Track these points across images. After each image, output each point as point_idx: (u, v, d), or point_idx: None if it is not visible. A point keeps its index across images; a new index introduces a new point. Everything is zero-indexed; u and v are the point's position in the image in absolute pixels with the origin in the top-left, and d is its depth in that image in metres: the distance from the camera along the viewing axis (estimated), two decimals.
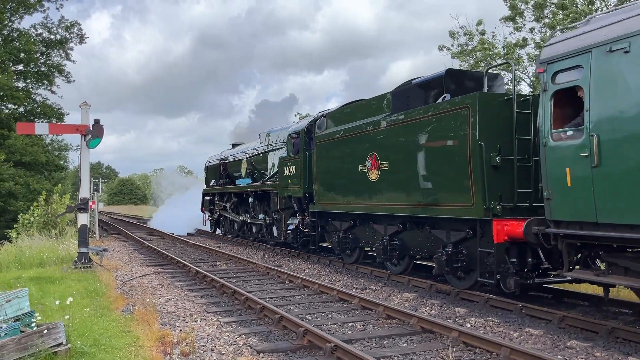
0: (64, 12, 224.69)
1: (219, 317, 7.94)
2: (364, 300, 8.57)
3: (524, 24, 22.37)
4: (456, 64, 23.48)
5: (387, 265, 11.15)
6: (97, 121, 12.86)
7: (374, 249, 11.65)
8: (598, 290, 8.18)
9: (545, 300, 8.63)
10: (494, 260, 8.04)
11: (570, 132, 6.52)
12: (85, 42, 34.07)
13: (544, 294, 9.06)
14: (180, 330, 7.03)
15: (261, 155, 18.59)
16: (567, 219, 6.61)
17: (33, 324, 5.78)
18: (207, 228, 25.54)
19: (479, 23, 23.67)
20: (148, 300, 8.62)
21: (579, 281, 7.74)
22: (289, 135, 15.32)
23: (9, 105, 31.40)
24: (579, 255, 7.01)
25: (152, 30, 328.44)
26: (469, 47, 23.81)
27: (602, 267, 6.72)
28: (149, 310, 7.64)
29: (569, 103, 6.64)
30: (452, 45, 24.25)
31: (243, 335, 6.88)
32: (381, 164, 10.52)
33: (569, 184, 6.45)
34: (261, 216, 18.03)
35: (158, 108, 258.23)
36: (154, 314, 7.66)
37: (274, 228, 16.94)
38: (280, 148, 16.68)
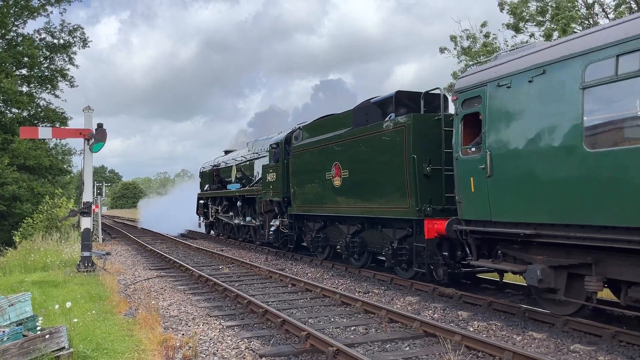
0: (73, 18, 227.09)
1: (222, 321, 8.03)
2: (366, 304, 8.59)
3: (526, 28, 21.69)
4: (461, 65, 23.88)
5: (350, 260, 12.76)
6: (100, 125, 12.91)
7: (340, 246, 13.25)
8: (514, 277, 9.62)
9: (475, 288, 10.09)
10: (426, 253, 9.65)
11: (473, 149, 8.13)
12: (89, 46, 33.95)
13: (467, 281, 10.67)
14: (183, 334, 7.08)
15: (248, 162, 20.28)
16: (473, 218, 8.21)
17: (36, 328, 5.75)
18: (201, 229, 27.07)
19: (484, 24, 22.71)
20: (151, 303, 8.50)
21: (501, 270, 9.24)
22: (270, 145, 16.96)
23: (13, 110, 31.32)
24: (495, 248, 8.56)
25: (160, 35, 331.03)
26: (473, 50, 23.02)
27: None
28: (151, 314, 7.62)
29: (474, 125, 8.22)
30: (454, 49, 23.53)
31: (245, 339, 6.90)
32: (343, 172, 12.14)
33: (472, 190, 8.05)
34: (248, 218, 19.68)
35: (164, 112, 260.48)
36: (157, 317, 7.65)
37: (260, 229, 18.57)
38: (265, 156, 18.28)
